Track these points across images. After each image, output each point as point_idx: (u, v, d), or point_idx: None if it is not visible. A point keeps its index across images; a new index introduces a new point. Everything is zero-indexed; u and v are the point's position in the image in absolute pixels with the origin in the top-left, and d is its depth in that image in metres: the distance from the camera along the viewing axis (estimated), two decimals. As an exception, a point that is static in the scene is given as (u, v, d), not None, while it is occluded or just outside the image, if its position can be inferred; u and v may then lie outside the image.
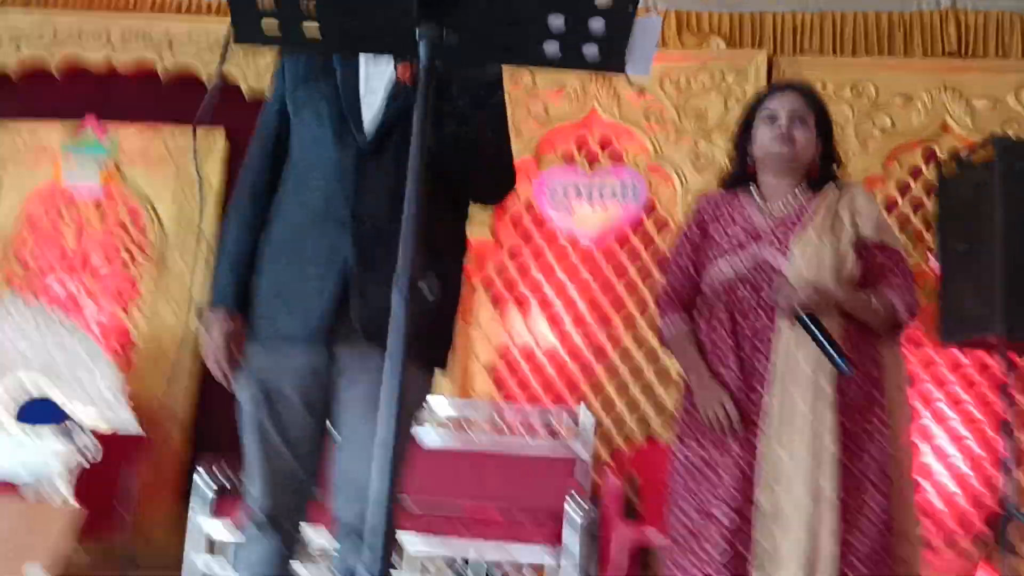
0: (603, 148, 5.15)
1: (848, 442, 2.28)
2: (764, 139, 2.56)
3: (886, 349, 2.46)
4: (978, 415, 4.61)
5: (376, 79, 2.10)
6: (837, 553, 2.19)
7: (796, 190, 2.54)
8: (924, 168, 4.90)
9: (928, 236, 4.77)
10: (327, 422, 2.12)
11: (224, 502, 3.94)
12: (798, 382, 2.29)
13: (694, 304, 2.58)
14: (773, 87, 2.71)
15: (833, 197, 2.53)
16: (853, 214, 2.49)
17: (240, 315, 2.07)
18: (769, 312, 2.38)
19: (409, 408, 2.11)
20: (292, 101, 2.17)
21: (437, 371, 2.15)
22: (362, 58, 2.13)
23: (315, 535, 2.56)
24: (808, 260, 2.38)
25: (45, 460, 4.52)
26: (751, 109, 2.66)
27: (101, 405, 4.73)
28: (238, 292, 2.08)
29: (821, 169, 2.61)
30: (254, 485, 2.07)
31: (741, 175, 2.66)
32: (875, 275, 2.46)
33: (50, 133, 5.48)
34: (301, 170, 2.10)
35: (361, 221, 2.00)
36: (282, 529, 2.07)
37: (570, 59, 1.48)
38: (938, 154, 4.86)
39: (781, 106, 2.55)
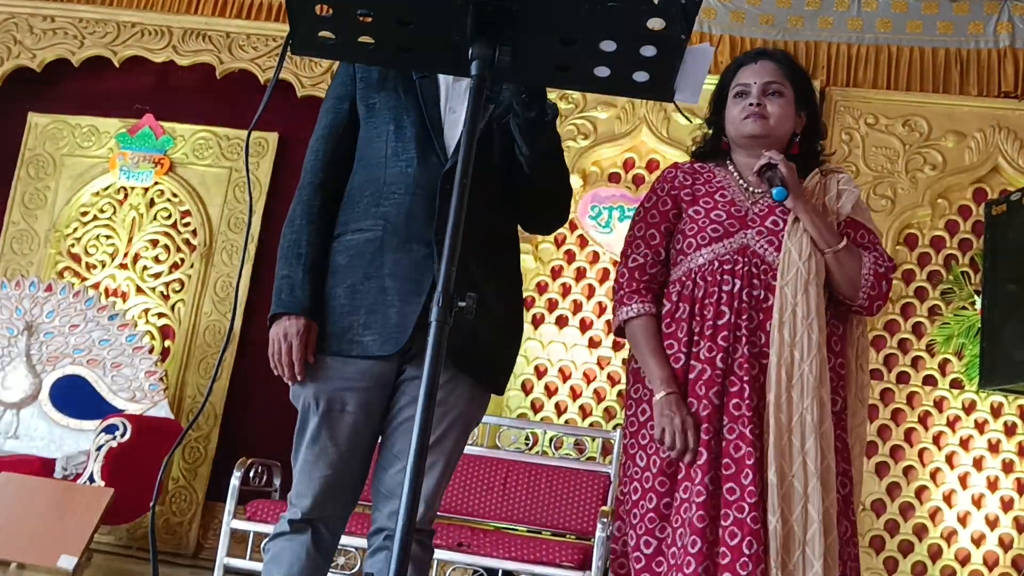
0: (649, 169, 5.15)
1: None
2: (735, 117, 2.30)
3: (852, 363, 2.29)
4: (1018, 462, 4.55)
5: (455, 99, 2.09)
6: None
7: None
8: (973, 207, 4.85)
9: (975, 277, 4.72)
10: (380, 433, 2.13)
11: (257, 503, 3.97)
12: (804, 395, 2.09)
13: (660, 290, 2.30)
14: (745, 57, 2.39)
15: (819, 185, 2.30)
16: (836, 196, 2.29)
17: (316, 323, 2.03)
18: (763, 310, 2.16)
19: (470, 426, 2.14)
20: (364, 104, 2.14)
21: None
22: (441, 76, 2.12)
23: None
24: (803, 255, 2.16)
25: (81, 445, 4.61)
26: (723, 83, 2.39)
27: (139, 396, 4.80)
28: (313, 297, 2.03)
29: (803, 146, 2.36)
30: (299, 487, 2.05)
31: (714, 149, 2.42)
32: None
33: (108, 128, 5.59)
34: (379, 181, 2.07)
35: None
36: (316, 531, 2.05)
37: (620, 84, 1.49)
38: (988, 193, 4.81)
39: (752, 79, 2.29)
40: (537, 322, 5.04)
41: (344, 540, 3.82)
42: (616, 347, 4.96)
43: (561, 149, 2.13)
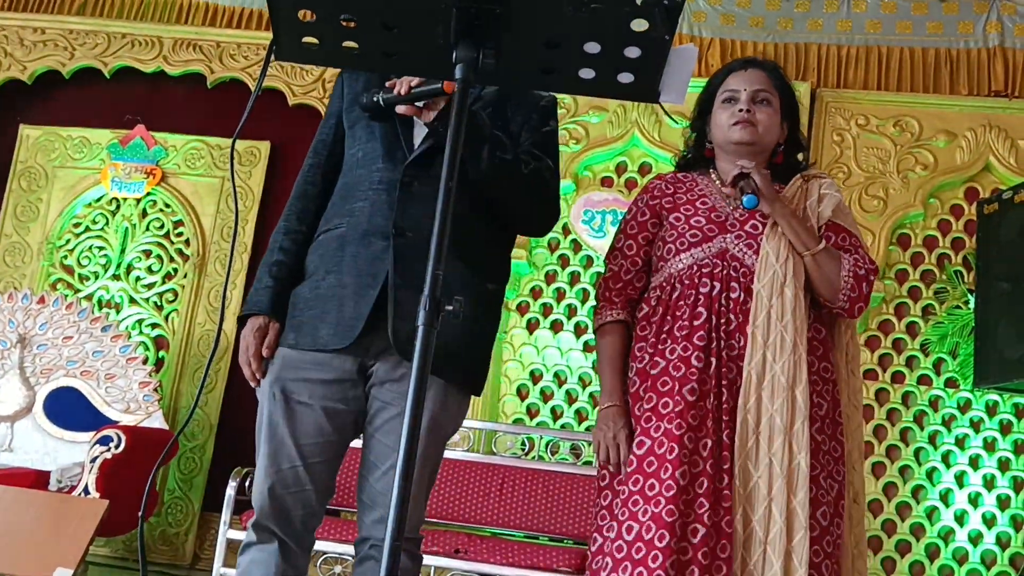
0: (642, 173, 5.15)
1: (813, 460, 2.10)
2: (722, 123, 2.30)
3: (843, 369, 2.29)
4: (1014, 460, 4.54)
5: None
6: None
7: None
8: (966, 206, 4.86)
9: (968, 276, 4.72)
10: (356, 437, 2.11)
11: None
12: (775, 396, 2.09)
13: (638, 296, 2.35)
14: (735, 64, 2.39)
15: (800, 190, 2.31)
16: (817, 200, 2.28)
17: (275, 320, 2.07)
18: (742, 312, 2.16)
19: (444, 429, 2.10)
20: (347, 117, 2.19)
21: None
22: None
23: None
24: (780, 257, 2.17)
25: (75, 457, 4.60)
26: (711, 88, 2.39)
27: (134, 407, 4.79)
28: (274, 298, 2.07)
29: (786, 156, 2.37)
30: (258, 484, 2.02)
31: (698, 158, 2.42)
32: None
33: (99, 139, 5.59)
34: (350, 183, 2.12)
35: (404, 235, 1.99)
36: (277, 538, 2.01)
37: (605, 86, 1.49)
38: (980, 193, 4.82)
39: (742, 85, 2.30)
40: (532, 327, 5.04)
41: (340, 548, 3.82)
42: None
43: (511, 160, 2.05)
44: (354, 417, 2.07)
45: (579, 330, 5.02)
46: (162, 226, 5.49)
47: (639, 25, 1.37)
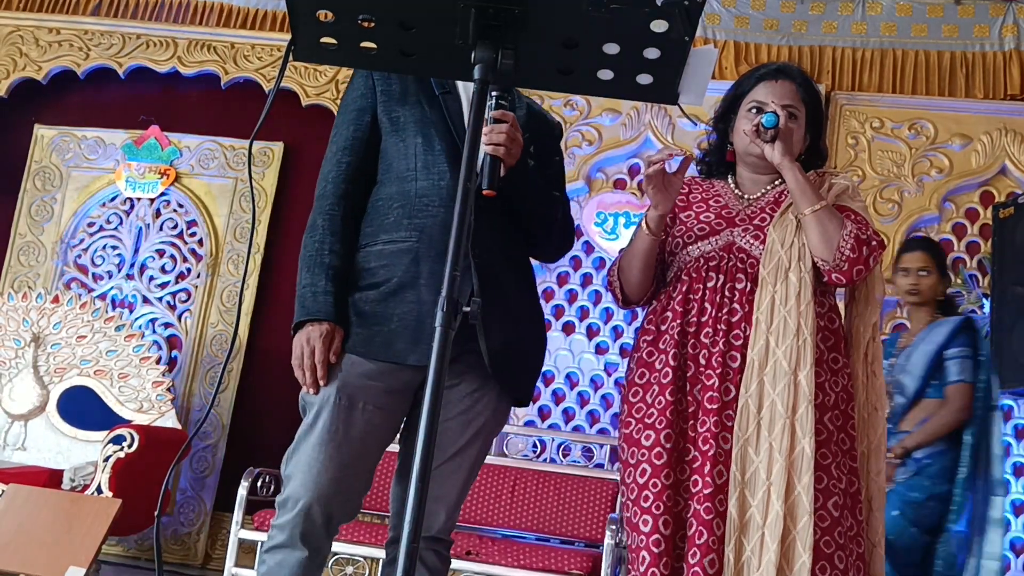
0: (655, 176, 5.13)
1: (824, 448, 2.08)
2: (746, 134, 2.26)
3: (862, 370, 2.26)
4: (1028, 464, 4.52)
5: None
6: (811, 566, 1.99)
7: (776, 181, 2.29)
8: (981, 210, 4.83)
9: (983, 280, 4.70)
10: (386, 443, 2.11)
11: (264, 513, 3.97)
12: (776, 380, 2.07)
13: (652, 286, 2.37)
14: (764, 73, 2.35)
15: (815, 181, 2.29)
16: (827, 189, 2.25)
17: (341, 328, 2.02)
18: (745, 303, 2.15)
19: (491, 435, 2.13)
20: (388, 116, 2.14)
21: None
22: (461, 86, 2.14)
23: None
24: (786, 244, 2.15)
25: (89, 456, 4.61)
26: (738, 91, 2.36)
27: (147, 407, 4.80)
28: (336, 303, 2.02)
29: (806, 165, 2.31)
30: (304, 486, 1.96)
31: (719, 163, 2.41)
32: None
33: (114, 139, 5.60)
34: (409, 194, 2.07)
35: (481, 256, 1.99)
36: (305, 543, 1.96)
37: (624, 87, 1.48)
38: (996, 196, 4.79)
39: (771, 98, 2.26)
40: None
41: (352, 549, 3.82)
42: (624, 354, 4.94)
43: (552, 215, 2.19)
44: (398, 424, 2.08)
45: (591, 332, 5.01)
46: (176, 226, 5.51)
47: (659, 26, 1.37)
